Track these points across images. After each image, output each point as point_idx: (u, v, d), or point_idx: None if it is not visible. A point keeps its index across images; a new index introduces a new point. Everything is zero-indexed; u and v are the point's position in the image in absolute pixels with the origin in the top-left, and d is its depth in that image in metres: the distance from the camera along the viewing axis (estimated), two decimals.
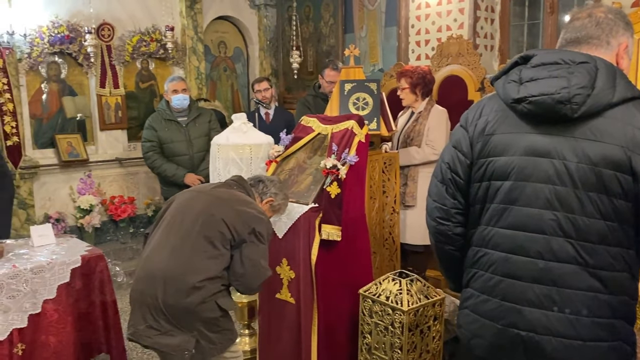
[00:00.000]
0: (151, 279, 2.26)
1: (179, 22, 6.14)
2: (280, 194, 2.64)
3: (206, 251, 2.26)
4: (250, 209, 2.39)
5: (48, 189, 5.27)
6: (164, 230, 2.37)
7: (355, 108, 3.40)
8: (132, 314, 2.33)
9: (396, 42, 5.57)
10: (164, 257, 2.28)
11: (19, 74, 4.99)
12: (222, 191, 2.47)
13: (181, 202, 2.45)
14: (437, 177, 1.84)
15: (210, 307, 2.26)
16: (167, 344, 2.22)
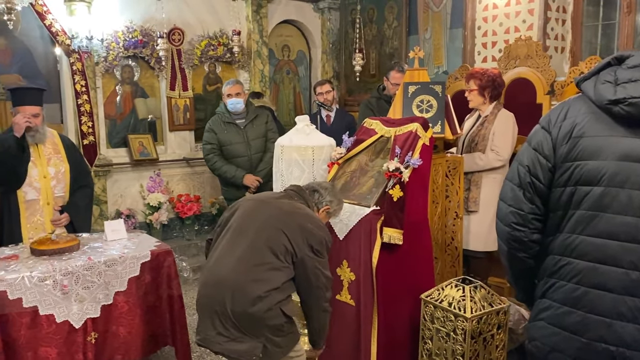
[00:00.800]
0: (219, 287, 2.32)
1: (245, 27, 6.29)
2: (335, 200, 2.65)
3: (270, 262, 2.30)
4: (311, 224, 2.41)
5: (120, 186, 5.54)
6: (230, 239, 2.42)
7: (419, 110, 3.37)
8: (201, 321, 2.39)
9: (461, 43, 5.46)
10: (230, 266, 2.33)
11: (95, 76, 5.27)
12: (285, 203, 2.49)
13: (246, 211, 2.48)
14: (514, 180, 1.76)
15: (275, 314, 2.30)
16: (236, 350, 2.27)
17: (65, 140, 3.79)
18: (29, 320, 2.80)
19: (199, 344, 2.41)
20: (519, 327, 3.05)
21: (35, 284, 2.81)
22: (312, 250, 2.34)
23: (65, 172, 3.64)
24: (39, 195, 3.55)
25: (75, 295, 2.93)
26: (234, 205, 2.58)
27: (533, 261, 1.75)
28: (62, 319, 2.89)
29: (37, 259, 3.00)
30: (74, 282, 2.92)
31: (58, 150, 3.66)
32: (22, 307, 2.77)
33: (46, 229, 3.53)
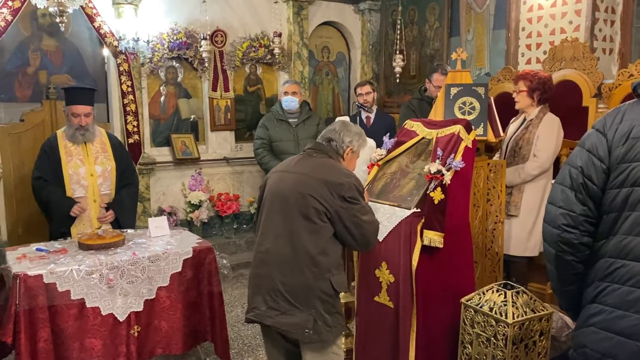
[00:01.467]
0: (265, 263, 2.40)
1: (286, 28, 6.35)
2: (354, 137, 2.56)
3: (306, 227, 2.33)
4: (334, 175, 2.38)
5: (162, 184, 5.67)
6: (266, 215, 2.47)
7: (461, 113, 3.33)
8: (252, 297, 2.46)
9: (504, 45, 5.37)
10: (271, 240, 2.40)
11: (141, 77, 5.42)
12: (305, 165, 2.47)
13: (272, 185, 2.51)
14: (565, 182, 1.74)
15: (325, 284, 2.34)
16: (287, 323, 2.32)
17: (113, 139, 3.92)
18: (77, 312, 2.91)
19: (250, 319, 2.45)
20: (562, 334, 2.98)
21: (82, 277, 2.91)
22: (344, 200, 2.32)
23: (111, 170, 3.75)
24: (86, 193, 3.67)
25: (120, 289, 3.02)
26: (265, 179, 2.60)
27: (582, 266, 1.72)
28: (107, 312, 2.99)
29: (85, 253, 3.11)
30: (119, 277, 3.02)
31: (105, 148, 3.78)
32: (70, 299, 2.88)
33: (93, 225, 3.65)
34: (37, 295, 2.78)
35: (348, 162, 2.58)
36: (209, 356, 3.52)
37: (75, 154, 3.66)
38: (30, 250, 3.18)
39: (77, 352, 2.91)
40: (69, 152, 3.65)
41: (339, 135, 2.53)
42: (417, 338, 2.70)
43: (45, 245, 3.27)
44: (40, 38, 5.09)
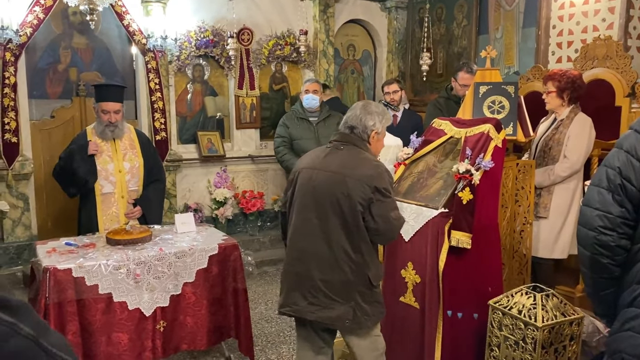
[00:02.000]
0: (304, 260, 2.42)
1: (312, 26, 6.33)
2: (377, 119, 2.50)
3: (341, 226, 2.34)
4: (365, 168, 2.36)
5: (188, 180, 5.72)
6: (299, 214, 2.47)
7: (490, 111, 3.28)
8: (289, 293, 2.48)
9: (534, 43, 5.27)
10: (307, 239, 2.42)
11: (168, 74, 5.47)
12: (335, 161, 2.44)
13: (303, 183, 2.48)
14: (601, 184, 1.70)
15: (363, 279, 2.37)
16: (328, 317, 2.37)
17: (141, 136, 3.95)
18: (104, 306, 2.94)
19: (288, 314, 2.49)
20: (593, 339, 2.91)
21: (110, 272, 2.94)
22: (377, 191, 2.31)
23: (139, 167, 3.79)
24: (114, 189, 3.72)
25: (147, 284, 3.05)
26: (293, 175, 2.56)
27: (619, 269, 1.67)
28: (134, 307, 3.02)
29: (113, 248, 3.15)
30: (146, 272, 3.05)
31: (134, 145, 3.82)
32: (98, 293, 2.91)
33: (120, 221, 3.70)
34: (66, 288, 2.82)
35: (374, 145, 2.53)
36: (232, 352, 3.53)
37: (104, 150, 3.71)
38: (59, 244, 3.23)
39: (104, 346, 2.95)
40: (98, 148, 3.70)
41: (361, 121, 2.47)
42: (443, 339, 2.67)
43: (74, 240, 3.32)
44: (71, 36, 5.17)
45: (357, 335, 2.46)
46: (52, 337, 0.76)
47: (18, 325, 0.70)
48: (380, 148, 2.59)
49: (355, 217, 2.32)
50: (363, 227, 2.34)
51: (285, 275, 2.53)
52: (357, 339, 2.47)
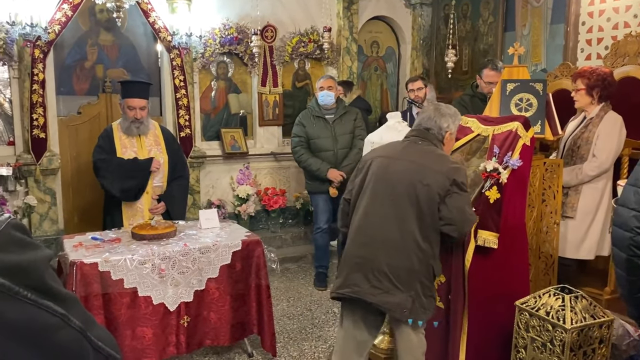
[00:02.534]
0: (372, 244, 2.44)
1: (336, 23, 6.31)
2: (450, 120, 2.58)
3: (414, 214, 2.38)
4: (444, 163, 2.42)
5: (212, 177, 5.76)
6: (371, 198, 2.50)
7: (517, 109, 3.22)
8: (350, 275, 2.49)
9: (563, 40, 5.17)
10: (379, 223, 2.44)
11: (193, 72, 5.50)
12: (413, 152, 2.51)
13: (379, 169, 2.52)
14: (638, 183, 1.65)
15: (427, 269, 2.41)
16: (388, 302, 2.39)
17: (166, 132, 3.99)
18: (129, 300, 2.97)
19: (347, 295, 2.49)
20: (623, 342, 2.84)
21: (135, 266, 2.97)
22: (456, 184, 2.36)
23: (164, 163, 3.82)
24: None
25: (171, 279, 3.08)
26: (365, 163, 2.62)
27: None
28: (159, 301, 3.04)
29: (138, 243, 3.18)
30: (171, 267, 3.07)
31: (159, 141, 3.85)
32: (124, 287, 2.94)
33: (144, 216, 3.73)
34: (92, 282, 2.86)
35: (447, 145, 2.61)
36: (255, 349, 3.54)
37: (130, 146, 3.75)
38: (86, 239, 3.27)
39: (129, 340, 2.98)
40: (123, 144, 3.75)
41: (435, 122, 2.55)
42: (468, 340, 2.64)
43: (100, 234, 3.37)
44: (98, 33, 5.24)
45: (411, 327, 2.46)
46: (98, 330, 0.78)
47: (68, 316, 0.71)
48: (451, 147, 2.68)
49: (430, 206, 2.36)
50: (437, 216, 2.37)
51: (348, 258, 2.54)
52: (408, 332, 2.47)
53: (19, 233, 0.72)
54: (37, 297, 0.69)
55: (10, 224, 0.72)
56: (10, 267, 0.68)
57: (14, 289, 0.66)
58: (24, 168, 4.69)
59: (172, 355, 3.15)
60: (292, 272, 5.35)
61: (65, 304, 0.72)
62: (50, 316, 0.69)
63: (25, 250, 0.72)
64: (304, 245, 5.87)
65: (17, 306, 0.66)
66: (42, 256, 0.74)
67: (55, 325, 0.70)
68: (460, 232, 2.43)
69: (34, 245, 0.74)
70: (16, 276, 0.67)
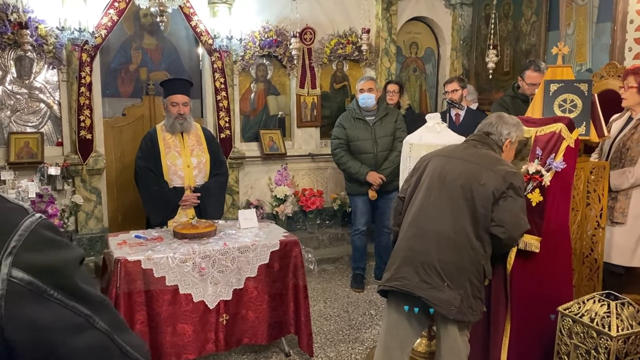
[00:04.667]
0: (424, 238, 2.45)
1: (374, 24, 6.30)
2: (512, 129, 2.58)
3: (469, 212, 2.38)
4: (502, 166, 2.43)
5: (250, 178, 5.83)
6: (426, 194, 2.51)
7: (561, 110, 3.14)
8: (400, 268, 2.49)
9: (609, 39, 5.02)
10: (433, 218, 2.45)
11: (233, 74, 5.59)
12: (472, 153, 2.52)
13: (436, 167, 2.54)
14: None
15: (478, 269, 2.39)
16: (437, 297, 2.38)
17: (207, 133, 4.07)
18: (170, 297, 3.04)
19: (396, 288, 2.48)
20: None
21: (177, 264, 3.04)
22: (513, 188, 2.35)
23: (206, 163, 3.90)
24: (182, 184, 3.83)
25: (211, 277, 3.13)
26: (422, 163, 2.64)
27: None
28: (199, 299, 3.10)
29: (180, 242, 3.25)
30: (211, 266, 3.13)
31: (200, 142, 3.93)
32: (165, 285, 3.01)
33: (187, 215, 3.81)
34: (135, 279, 2.94)
35: (507, 153, 2.60)
36: (292, 348, 3.57)
37: (173, 146, 3.84)
38: (129, 237, 3.36)
39: (170, 336, 3.05)
40: (167, 145, 3.83)
41: (497, 129, 2.56)
42: (509, 343, 2.59)
43: (143, 233, 3.46)
44: (142, 37, 5.38)
45: (458, 327, 2.44)
46: (129, 336, 0.77)
47: (94, 318, 0.72)
48: (510, 158, 2.66)
49: (485, 206, 2.36)
50: (490, 217, 2.36)
51: (399, 252, 2.54)
52: (455, 332, 2.44)
53: (49, 232, 0.73)
54: (64, 297, 0.69)
55: (41, 224, 0.72)
56: (40, 266, 0.69)
57: (42, 287, 0.68)
58: (71, 168, 4.86)
59: (211, 352, 3.20)
60: (329, 273, 5.36)
61: (93, 306, 0.73)
62: (75, 316, 0.70)
63: (56, 250, 0.72)
64: (341, 247, 5.87)
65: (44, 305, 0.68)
66: (73, 256, 0.74)
67: (81, 326, 0.70)
68: (510, 236, 2.39)
69: (65, 245, 0.74)
70: (46, 276, 0.69)
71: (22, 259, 0.68)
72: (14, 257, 0.67)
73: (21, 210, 0.73)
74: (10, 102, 4.77)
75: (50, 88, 4.90)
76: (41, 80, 4.86)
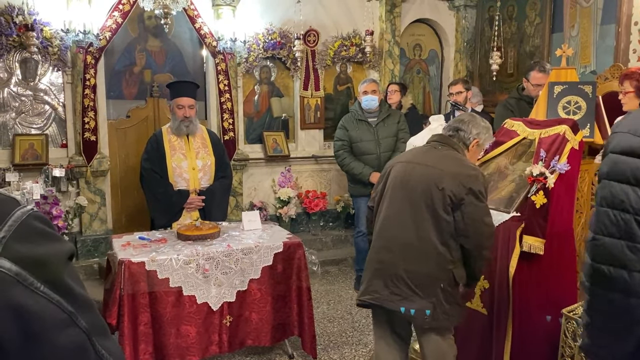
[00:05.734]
0: (390, 249, 2.44)
1: (378, 26, 6.30)
2: (482, 130, 2.55)
3: (431, 218, 2.35)
4: (463, 168, 2.39)
5: (254, 179, 5.84)
6: (390, 203, 2.50)
7: (565, 112, 3.13)
8: (370, 281, 2.49)
9: (613, 41, 5.01)
10: (396, 228, 2.43)
11: (237, 76, 5.60)
12: (432, 157, 2.48)
13: (397, 174, 2.52)
14: None
15: (447, 275, 2.36)
16: (409, 308, 2.37)
17: (212, 135, 4.08)
18: (174, 299, 3.04)
19: (366, 303, 2.50)
20: None
21: (181, 266, 3.05)
22: (472, 193, 2.31)
23: (211, 165, 3.91)
24: (187, 186, 3.84)
25: (215, 279, 3.14)
26: (385, 170, 2.63)
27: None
28: (202, 301, 3.11)
29: (183, 244, 3.26)
30: (214, 267, 3.13)
31: (206, 144, 3.94)
32: (169, 286, 3.02)
33: (191, 217, 3.82)
34: (139, 281, 2.95)
35: (472, 155, 2.57)
36: (296, 350, 3.56)
37: (179, 148, 3.84)
38: (133, 239, 3.37)
39: (174, 338, 3.05)
40: (172, 147, 3.84)
41: (468, 126, 2.53)
42: (512, 347, 2.59)
43: (147, 234, 3.46)
44: (146, 39, 5.40)
45: (436, 333, 2.43)
46: (108, 342, 0.76)
47: (77, 316, 0.71)
48: (474, 160, 2.62)
49: (446, 211, 2.32)
50: (453, 223, 2.33)
51: (369, 264, 2.54)
52: (435, 337, 2.43)
53: (40, 224, 0.72)
54: (50, 290, 0.68)
55: (32, 215, 0.72)
56: (29, 258, 0.68)
57: (29, 279, 0.67)
58: (75, 169, 4.87)
59: (214, 354, 3.21)
60: (332, 275, 5.36)
61: (77, 304, 0.71)
62: (60, 312, 0.69)
63: (47, 242, 0.71)
64: (345, 248, 5.87)
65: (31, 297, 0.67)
66: (62, 250, 0.73)
67: (65, 322, 0.69)
68: (476, 245, 2.36)
69: (56, 238, 0.74)
70: (34, 268, 0.68)
71: (11, 249, 0.67)
72: (3, 247, 0.67)
73: (12, 201, 0.73)
74: (16, 104, 4.79)
75: (55, 90, 4.92)
76: (46, 82, 4.88)
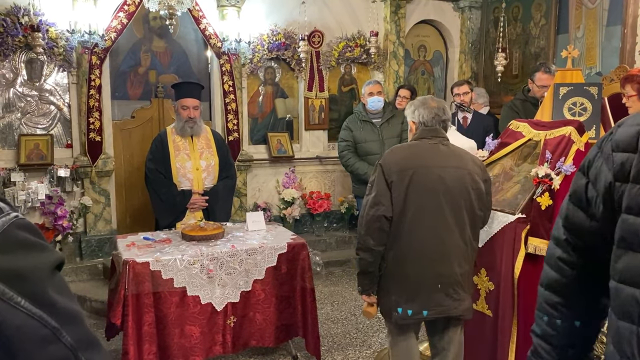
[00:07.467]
0: (443, 261, 2.41)
1: (383, 27, 6.30)
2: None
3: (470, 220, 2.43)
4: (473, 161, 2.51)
5: (258, 180, 5.84)
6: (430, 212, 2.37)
7: (570, 114, 3.12)
8: (430, 296, 2.40)
9: (619, 42, 4.99)
10: (444, 237, 2.39)
11: (242, 77, 5.60)
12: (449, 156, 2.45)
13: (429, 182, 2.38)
14: None
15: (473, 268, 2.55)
16: (465, 309, 2.46)
17: (216, 136, 4.09)
18: (178, 299, 3.04)
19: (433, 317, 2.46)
20: None
21: (185, 266, 3.05)
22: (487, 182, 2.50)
23: (215, 166, 3.91)
24: (191, 186, 3.84)
25: (219, 279, 3.14)
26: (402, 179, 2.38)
27: None
28: (206, 301, 3.11)
29: (188, 244, 3.26)
30: (219, 268, 3.13)
31: (210, 145, 3.94)
32: (173, 286, 3.02)
33: (195, 217, 3.82)
34: (143, 281, 2.95)
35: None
36: (299, 351, 3.56)
37: (183, 149, 3.85)
38: (138, 239, 3.37)
39: (178, 338, 3.05)
40: (177, 147, 3.85)
41: (444, 111, 2.56)
42: (517, 349, 2.57)
43: (152, 235, 3.47)
44: (151, 40, 5.41)
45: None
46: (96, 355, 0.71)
47: (61, 332, 0.67)
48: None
49: (480, 207, 2.46)
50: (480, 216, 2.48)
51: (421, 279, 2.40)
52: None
53: (23, 233, 0.67)
54: (32, 305, 0.64)
55: (15, 224, 0.67)
56: (8, 270, 0.63)
57: (8, 294, 0.62)
58: (80, 170, 4.89)
59: (218, 354, 3.21)
60: (336, 276, 5.36)
61: (61, 318, 0.67)
62: (42, 327, 0.65)
63: (28, 253, 0.66)
64: (349, 250, 5.85)
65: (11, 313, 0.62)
66: (46, 261, 0.68)
67: (46, 338, 0.65)
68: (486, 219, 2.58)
69: (40, 247, 0.69)
70: (13, 281, 0.63)
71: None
72: None
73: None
74: (21, 104, 4.81)
75: (60, 90, 4.93)
76: (51, 83, 4.89)
